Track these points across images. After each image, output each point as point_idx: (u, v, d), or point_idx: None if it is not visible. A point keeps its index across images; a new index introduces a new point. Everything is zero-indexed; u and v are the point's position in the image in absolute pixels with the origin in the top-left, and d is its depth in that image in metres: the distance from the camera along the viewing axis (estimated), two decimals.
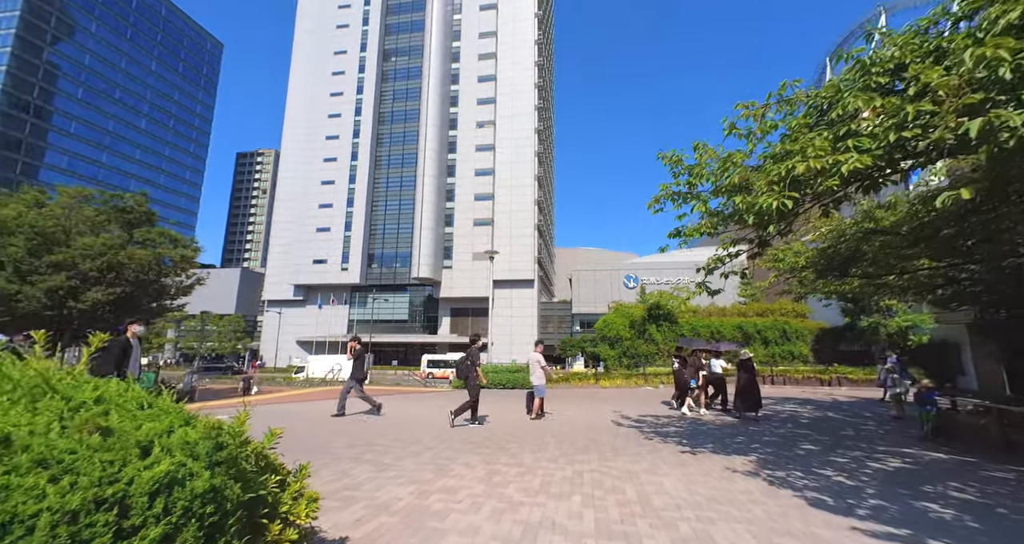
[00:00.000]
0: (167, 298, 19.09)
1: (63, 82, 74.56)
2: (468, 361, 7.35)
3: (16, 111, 68.74)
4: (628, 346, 18.65)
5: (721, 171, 4.42)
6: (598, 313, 54.10)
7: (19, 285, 14.57)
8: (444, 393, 14.18)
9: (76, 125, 76.18)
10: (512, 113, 54.78)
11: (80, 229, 16.06)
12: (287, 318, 55.45)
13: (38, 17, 70.78)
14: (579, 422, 7.82)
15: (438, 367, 43.39)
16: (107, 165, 78.39)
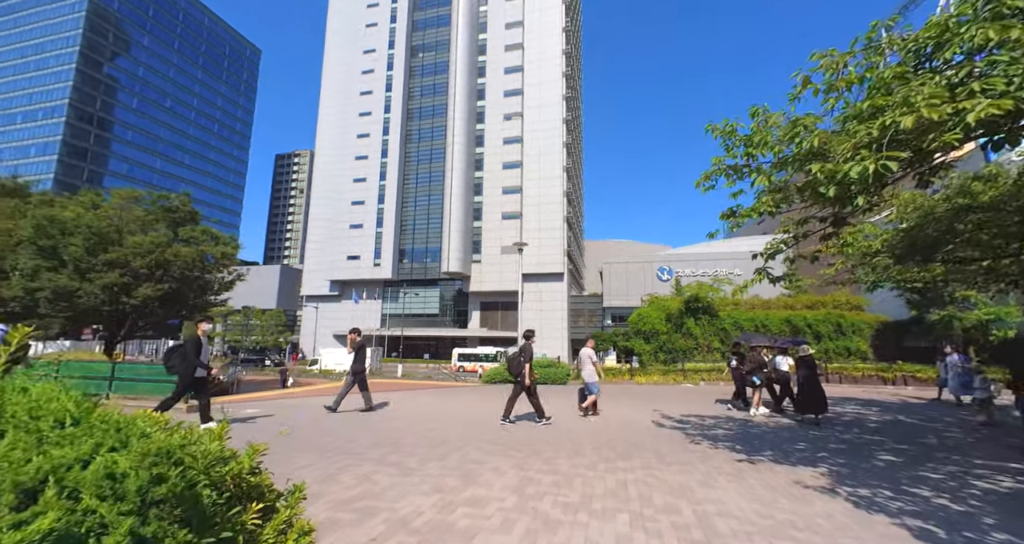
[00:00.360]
0: (210, 293, 19.93)
1: (121, 94, 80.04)
2: (521, 357, 7.01)
3: (81, 123, 74.49)
4: (664, 341, 17.78)
5: (789, 138, 3.76)
6: (631, 306, 52.82)
7: (79, 282, 15.53)
8: (474, 388, 13.96)
9: (133, 134, 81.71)
10: (540, 104, 53.80)
11: (131, 228, 16.94)
12: (324, 312, 57.44)
13: (98, 34, 76.05)
14: (616, 422, 7.31)
15: (468, 361, 43.70)
16: (160, 170, 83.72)
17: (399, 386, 13.93)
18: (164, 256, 16.66)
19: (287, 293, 71.12)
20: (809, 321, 17.07)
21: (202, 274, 18.63)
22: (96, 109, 76.48)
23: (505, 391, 12.50)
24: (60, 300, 15.55)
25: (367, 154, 58.62)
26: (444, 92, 57.20)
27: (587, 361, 8.21)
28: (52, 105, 73.32)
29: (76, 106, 73.46)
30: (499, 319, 53.31)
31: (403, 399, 10.08)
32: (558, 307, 51.18)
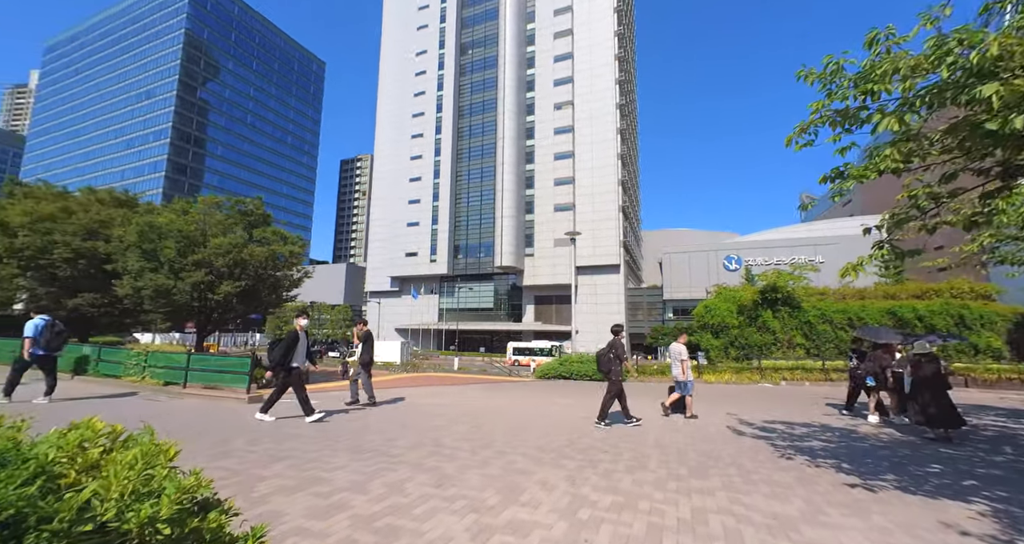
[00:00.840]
0: (282, 290, 21.42)
1: (212, 114, 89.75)
2: (611, 353, 6.50)
3: (182, 143, 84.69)
4: (736, 335, 16.03)
5: (934, 60, 2.76)
6: (694, 299, 49.66)
7: (174, 280, 17.32)
8: (527, 384, 13.52)
9: (222, 149, 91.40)
10: (591, 90, 51.84)
11: (213, 231, 18.58)
12: (386, 307, 60.43)
13: (192, 62, 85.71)
14: (686, 427, 6.43)
15: (523, 355, 43.48)
16: (244, 180, 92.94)
17: (452, 380, 13.89)
18: (241, 256, 18.10)
19: (353, 289, 75.89)
20: (920, 313, 14.43)
21: (274, 272, 20.02)
22: (193, 129, 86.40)
23: (557, 388, 12.00)
24: (160, 297, 17.46)
25: (421, 154, 60.37)
26: (493, 86, 57.12)
27: (676, 358, 7.42)
28: (159, 129, 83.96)
29: (178, 128, 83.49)
30: (553, 313, 52.58)
31: (452, 393, 9.88)
32: (614, 300, 49.33)
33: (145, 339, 44.58)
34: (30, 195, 22.50)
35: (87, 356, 9.35)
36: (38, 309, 7.01)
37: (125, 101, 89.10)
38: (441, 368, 33.66)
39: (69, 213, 21.30)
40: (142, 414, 6.00)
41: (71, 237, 20.22)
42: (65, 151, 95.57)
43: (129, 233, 17.78)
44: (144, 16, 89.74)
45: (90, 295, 21.16)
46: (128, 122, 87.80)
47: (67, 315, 22.77)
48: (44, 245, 20.09)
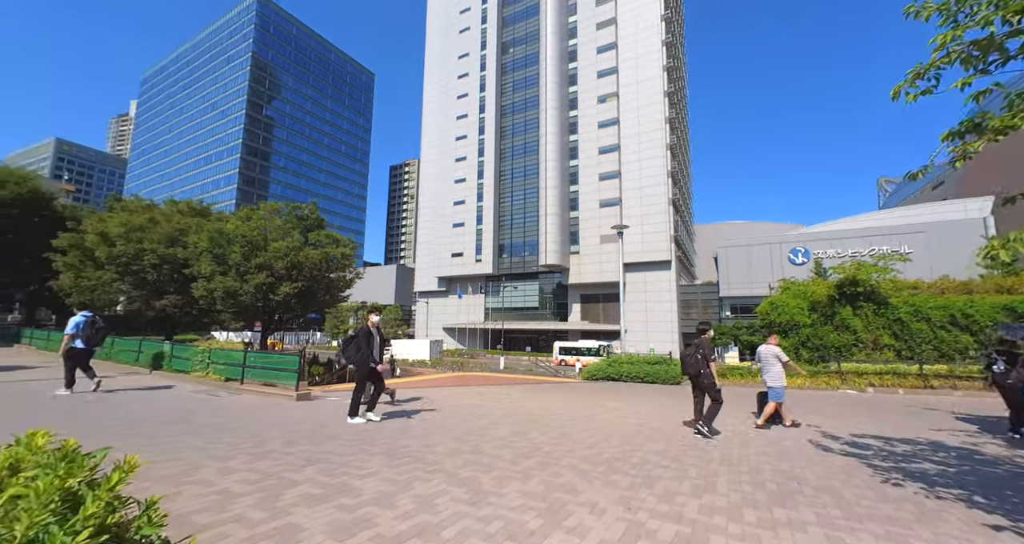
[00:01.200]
0: (336, 291, 22.45)
1: (276, 130, 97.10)
2: (698, 354, 5.87)
3: (251, 157, 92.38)
4: (809, 335, 14.38)
5: None
6: (754, 295, 46.11)
7: (240, 283, 18.67)
8: (574, 385, 12.96)
9: (284, 161, 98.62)
10: (637, 79, 49.75)
11: (273, 236, 19.82)
12: (433, 307, 61.98)
13: (258, 82, 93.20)
14: (759, 439, 5.64)
15: (570, 354, 42.67)
16: (303, 188, 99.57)
17: (497, 380, 13.65)
18: (297, 258, 19.17)
19: (403, 290, 78.75)
20: None
21: (327, 274, 21.01)
22: (259, 145, 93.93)
23: (606, 390, 11.32)
24: (229, 298, 18.91)
25: (465, 155, 61.22)
26: (535, 83, 56.61)
27: (772, 361, 6.59)
28: (232, 145, 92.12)
29: (247, 143, 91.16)
30: (600, 312, 51.14)
31: (497, 394, 9.59)
32: (666, 298, 47.04)
33: (221, 337, 48.99)
34: (125, 208, 25.32)
35: (163, 352, 10.13)
36: (81, 305, 7.59)
37: (204, 121, 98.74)
38: (487, 367, 33.80)
39: (155, 223, 23.67)
40: (196, 409, 6.27)
41: (156, 244, 22.44)
42: (158, 170, 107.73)
43: (202, 240, 19.39)
44: (218, 44, 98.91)
45: (173, 297, 23.36)
46: (207, 140, 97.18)
47: (155, 315, 25.38)
48: (136, 252, 22.44)
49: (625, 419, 6.94)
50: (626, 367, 13.00)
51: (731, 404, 8.70)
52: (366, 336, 5.79)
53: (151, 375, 9.90)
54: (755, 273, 45.71)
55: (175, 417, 5.65)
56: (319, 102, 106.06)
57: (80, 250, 23.86)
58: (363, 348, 5.69)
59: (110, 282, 23.25)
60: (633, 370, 12.90)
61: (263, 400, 7.36)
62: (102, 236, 22.72)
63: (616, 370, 13.16)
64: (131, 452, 3.37)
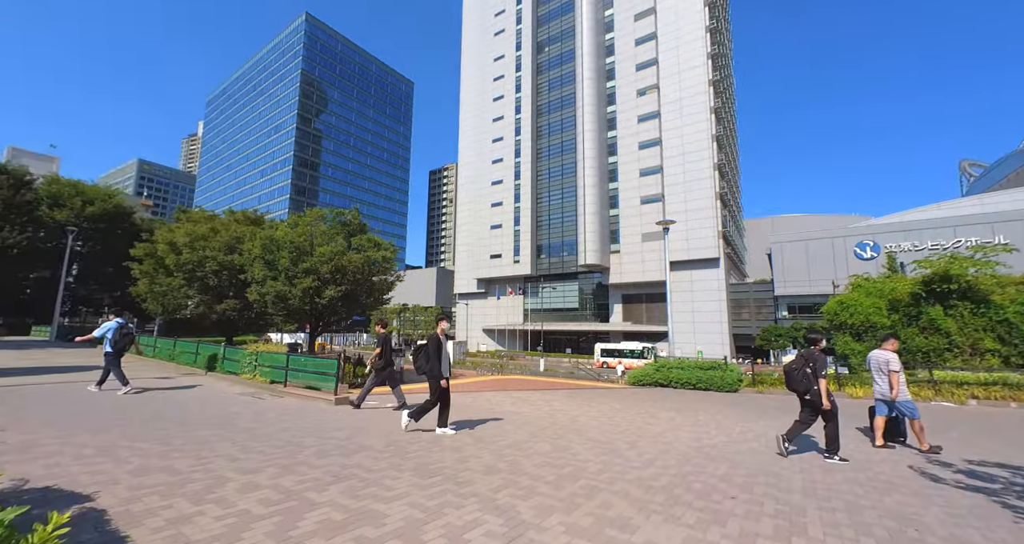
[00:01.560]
0: (378, 293, 22.97)
1: (324, 141, 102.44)
2: (808, 366, 5.07)
3: (302, 168, 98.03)
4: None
5: None
6: (814, 294, 42.71)
7: (288, 287, 19.50)
8: (618, 391, 12.23)
9: (332, 170, 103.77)
10: (679, 69, 47.59)
11: (319, 241, 20.56)
12: (473, 309, 62.52)
13: (307, 97, 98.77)
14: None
15: (612, 357, 41.41)
16: (348, 195, 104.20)
17: (537, 384, 13.20)
18: (341, 262, 19.77)
19: (443, 292, 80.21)
20: None
21: (369, 277, 21.51)
22: (309, 156, 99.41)
23: (654, 397, 10.52)
24: (279, 302, 19.82)
25: (502, 157, 61.37)
26: (572, 81, 55.73)
27: (881, 370, 5.76)
28: (284, 158, 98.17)
29: (298, 156, 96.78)
30: (643, 312, 49.29)
31: (537, 400, 9.15)
32: (714, 298, 44.55)
33: (276, 338, 51.80)
34: (190, 219, 27.44)
35: (216, 355, 10.60)
36: (116, 311, 7.95)
37: (259, 137, 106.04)
38: (527, 369, 33.40)
39: (215, 232, 25.41)
40: (240, 412, 6.33)
41: (216, 252, 24.03)
42: (221, 183, 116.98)
43: (255, 247, 20.48)
44: (271, 63, 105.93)
45: (232, 301, 24.90)
46: (262, 154, 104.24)
47: (217, 318, 27.21)
48: (199, 260, 24.16)
49: (680, 433, 6.28)
50: (676, 372, 12.08)
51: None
52: (436, 345, 5.39)
53: (206, 376, 10.38)
54: (815, 270, 42.18)
55: (218, 421, 5.71)
56: (362, 113, 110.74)
57: (153, 259, 26.02)
58: (432, 358, 5.33)
59: (178, 288, 25.13)
60: (684, 376, 11.97)
61: (303, 404, 7.39)
62: (171, 245, 24.71)
63: (665, 375, 12.29)
64: (170, 459, 3.20)
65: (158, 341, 13.92)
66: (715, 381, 11.80)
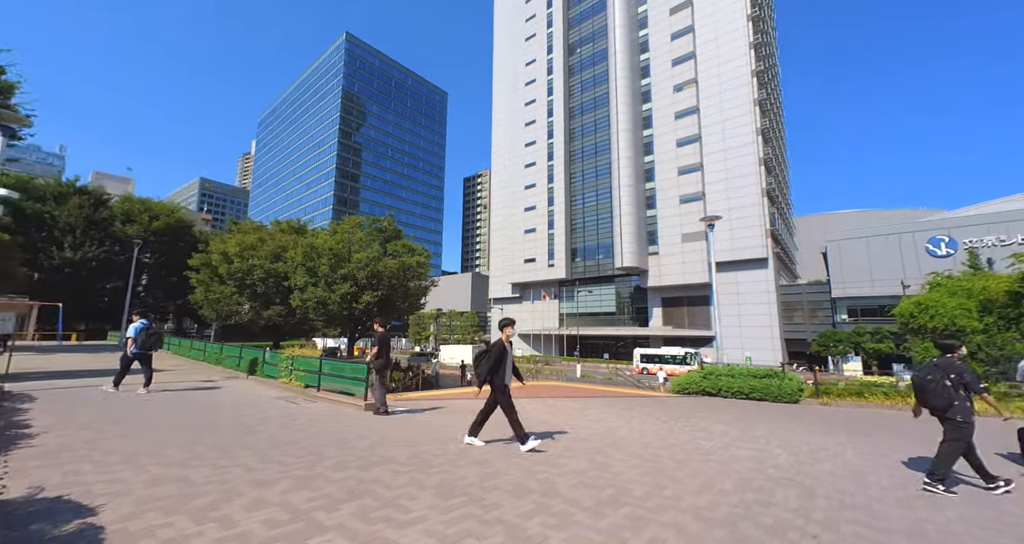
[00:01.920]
0: (413, 298, 23.20)
1: (364, 154, 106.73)
2: (947, 379, 4.21)
3: (344, 180, 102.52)
4: (982, 343, 11.08)
5: None
6: (879, 295, 39.10)
7: (328, 292, 20.07)
8: (662, 400, 11.40)
9: (371, 181, 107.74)
10: (718, 62, 45.49)
11: (356, 248, 21.07)
12: (508, 313, 62.32)
13: (348, 112, 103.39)
14: (955, 499, 3.98)
15: (652, 362, 39.71)
16: (387, 204, 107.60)
17: (573, 391, 12.59)
18: (377, 268, 20.14)
19: (478, 297, 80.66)
20: None
21: (404, 282, 21.77)
22: (350, 168, 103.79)
23: (703, 408, 9.39)
24: (319, 308, 20.45)
25: (534, 160, 61.13)
26: (605, 81, 54.74)
27: None
28: (327, 171, 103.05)
29: (340, 169, 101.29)
30: (684, 316, 47.05)
31: (573, 409, 8.59)
32: (763, 300, 41.80)
33: (321, 343, 53.46)
34: (240, 230, 29.14)
35: (257, 359, 10.87)
36: (140, 313, 8.20)
37: (304, 152, 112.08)
38: (563, 375, 32.59)
39: (262, 241, 26.77)
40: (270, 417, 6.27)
41: (263, 260, 25.24)
42: (270, 197, 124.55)
43: (297, 254, 21.30)
44: (316, 82, 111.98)
45: (277, 307, 26.00)
46: (307, 168, 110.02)
47: (264, 323, 28.52)
48: (248, 268, 25.50)
49: (736, 450, 5.55)
50: (726, 380, 11.06)
51: (862, 437, 6.75)
52: (499, 352, 5.05)
53: (247, 380, 10.65)
54: (879, 269, 38.56)
55: (245, 426, 5.65)
56: (399, 124, 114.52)
57: (208, 268, 27.72)
58: (496, 365, 5.01)
59: (230, 295, 26.59)
60: (735, 384, 10.93)
61: (332, 410, 7.28)
62: (223, 255, 26.28)
63: (714, 383, 11.29)
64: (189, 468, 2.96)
65: (208, 346, 14.61)
66: (771, 391, 10.70)
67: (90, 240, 31.59)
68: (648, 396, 12.24)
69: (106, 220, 32.83)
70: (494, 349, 5.07)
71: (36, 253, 30.42)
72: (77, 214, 30.72)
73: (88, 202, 31.85)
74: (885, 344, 31.51)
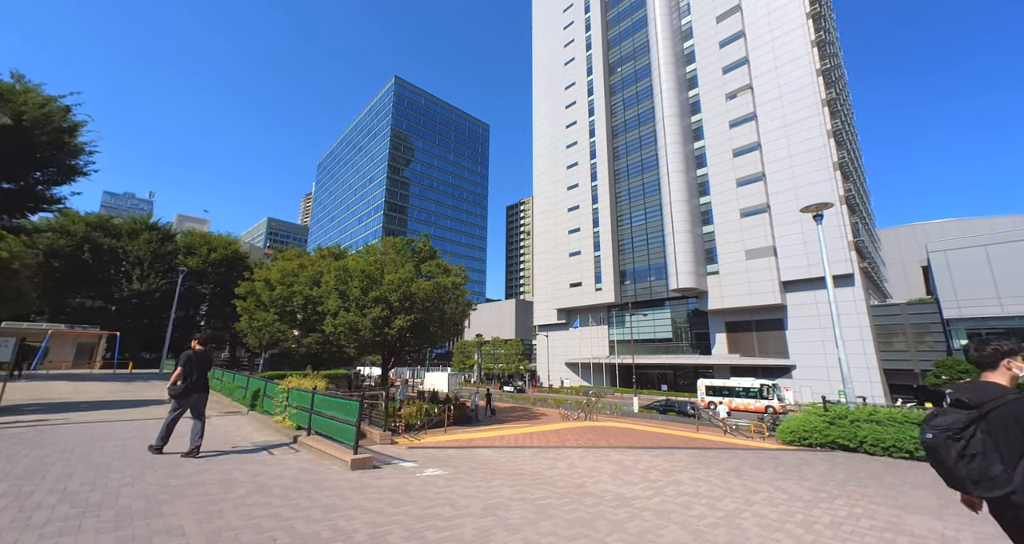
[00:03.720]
0: (450, 323, 21.44)
1: (412, 187, 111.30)
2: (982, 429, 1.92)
3: (392, 212, 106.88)
4: None
5: None
6: (1012, 316, 32.18)
7: (359, 317, 18.82)
8: (769, 455, 8.31)
9: (417, 212, 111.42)
10: (775, 64, 42.22)
11: (389, 269, 19.88)
12: (554, 341, 59.08)
13: (396, 149, 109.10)
14: None
15: (720, 395, 34.81)
16: (433, 235, 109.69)
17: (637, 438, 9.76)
18: (410, 290, 18.70)
19: (523, 324, 78.13)
20: None
21: (440, 305, 20.12)
22: (398, 201, 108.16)
23: (852, 471, 5.88)
24: (351, 333, 19.21)
25: (577, 182, 59.51)
26: (648, 96, 52.85)
27: None
28: (376, 205, 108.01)
29: (389, 202, 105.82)
30: (754, 342, 41.59)
31: (650, 474, 5.97)
32: (852, 323, 36.06)
33: (366, 372, 51.88)
34: (284, 257, 29.45)
35: (259, 391, 9.32)
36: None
37: (358, 188, 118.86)
38: (618, 409, 28.88)
39: (303, 268, 26.63)
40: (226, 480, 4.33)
41: (303, 286, 24.84)
42: (327, 232, 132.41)
43: (330, 278, 20.48)
44: (368, 124, 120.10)
45: (315, 334, 25.26)
46: (359, 204, 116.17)
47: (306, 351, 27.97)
48: (288, 295, 25.21)
49: None
50: (870, 429, 7.66)
51: None
52: None
53: (247, 415, 9.08)
54: (1008, 284, 31.74)
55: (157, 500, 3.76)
56: (444, 158, 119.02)
57: (253, 296, 27.89)
58: None
59: (272, 322, 26.34)
60: (887, 435, 7.44)
61: (309, 467, 5.29)
62: (266, 282, 26.34)
63: (849, 433, 7.92)
64: None
65: (224, 374, 13.54)
66: (898, 440, 7.32)
67: (155, 272, 33.44)
68: (749, 448, 9.12)
69: (170, 253, 34.85)
70: None
71: (109, 286, 32.59)
72: (146, 248, 32.77)
73: (156, 237, 34.06)
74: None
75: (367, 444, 5.88)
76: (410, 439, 7.83)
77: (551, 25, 69.55)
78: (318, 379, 9.56)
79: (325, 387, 10.49)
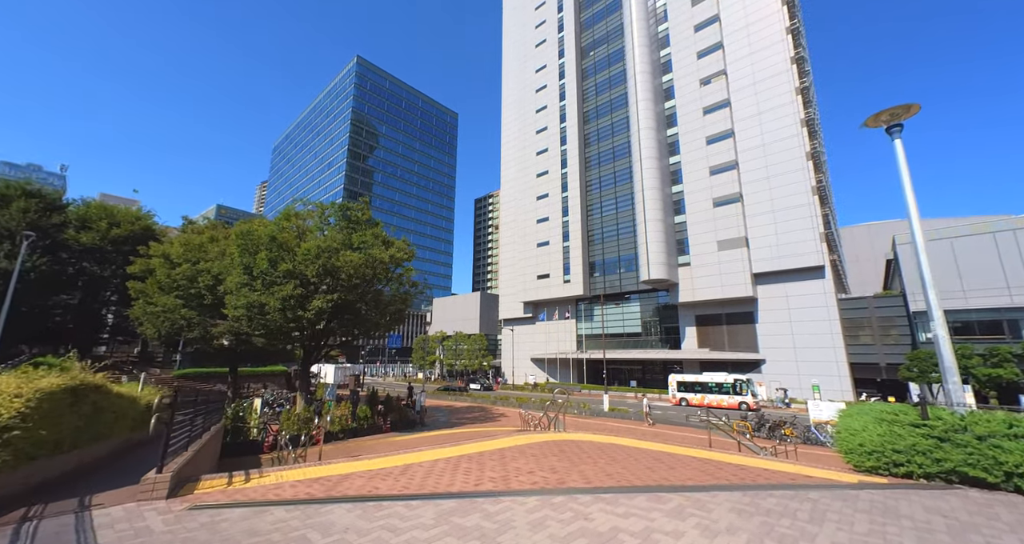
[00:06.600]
0: (389, 307, 17.70)
1: (375, 174, 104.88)
2: None
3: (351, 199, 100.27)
4: None
5: None
6: (977, 308, 32.03)
7: (265, 296, 14.74)
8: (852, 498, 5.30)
9: (380, 201, 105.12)
10: (751, 51, 40.88)
11: (309, 238, 15.91)
12: (520, 336, 56.06)
13: (357, 134, 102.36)
14: None
15: (692, 392, 32.89)
16: (396, 225, 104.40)
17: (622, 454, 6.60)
18: (332, 262, 14.86)
19: (488, 318, 74.67)
20: None
21: (372, 283, 16.36)
22: (358, 189, 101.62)
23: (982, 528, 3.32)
24: (255, 316, 15.12)
25: (547, 169, 56.65)
26: (621, 81, 50.63)
27: None
28: (335, 192, 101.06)
29: (349, 189, 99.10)
30: (724, 336, 40.22)
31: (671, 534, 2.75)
32: (822, 316, 35.13)
33: (322, 370, 44.77)
34: (194, 230, 24.54)
35: None
36: None
37: (315, 174, 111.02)
38: (586, 408, 26.06)
39: (214, 241, 21.98)
40: None
41: (211, 263, 20.26)
42: None
43: (231, 246, 16.25)
44: (327, 106, 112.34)
45: (226, 323, 20.68)
46: (316, 190, 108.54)
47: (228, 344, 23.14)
48: (193, 274, 20.55)
49: None
50: (1020, 450, 4.61)
51: None
52: None
53: None
54: (973, 277, 31.51)
55: None
56: (409, 145, 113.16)
57: (153, 277, 22.86)
58: None
59: (175, 309, 21.49)
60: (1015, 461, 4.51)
61: None
62: (165, 257, 21.52)
63: (980, 456, 4.62)
64: None
65: None
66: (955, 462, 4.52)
67: (35, 249, 27.37)
68: (813, 484, 6.06)
69: (56, 226, 28.78)
70: None
71: None
72: (20, 218, 26.70)
73: (36, 206, 27.94)
74: (1006, 369, 24.35)
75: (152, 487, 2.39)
76: (258, 477, 4.38)
77: (523, 4, 66.22)
78: (133, 386, 5.70)
79: (161, 394, 6.60)
